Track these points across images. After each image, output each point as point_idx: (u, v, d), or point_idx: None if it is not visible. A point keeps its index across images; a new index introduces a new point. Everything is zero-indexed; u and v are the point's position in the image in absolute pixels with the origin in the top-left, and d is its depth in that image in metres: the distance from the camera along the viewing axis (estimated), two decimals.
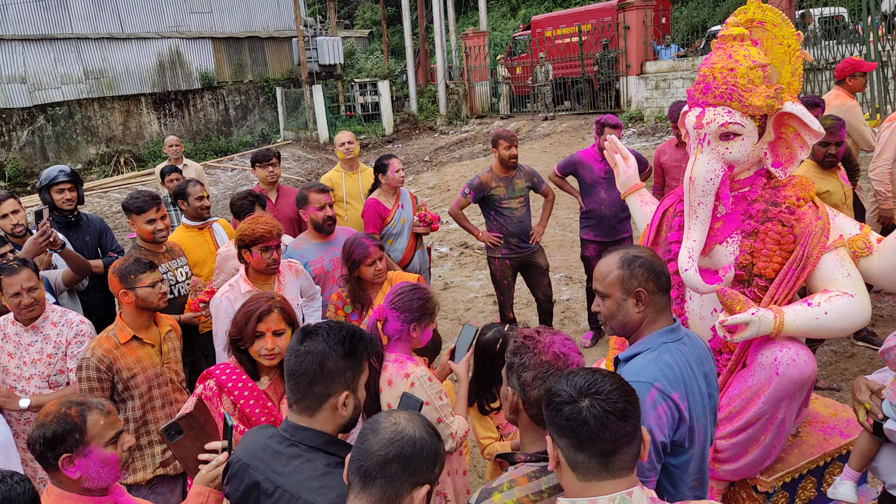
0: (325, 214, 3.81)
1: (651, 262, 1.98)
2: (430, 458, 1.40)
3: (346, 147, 5.32)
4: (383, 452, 1.37)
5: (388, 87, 20.72)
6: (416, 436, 1.40)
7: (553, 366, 1.69)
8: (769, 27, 2.54)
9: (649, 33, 16.38)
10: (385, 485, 1.36)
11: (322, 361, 1.65)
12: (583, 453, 1.39)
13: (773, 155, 2.57)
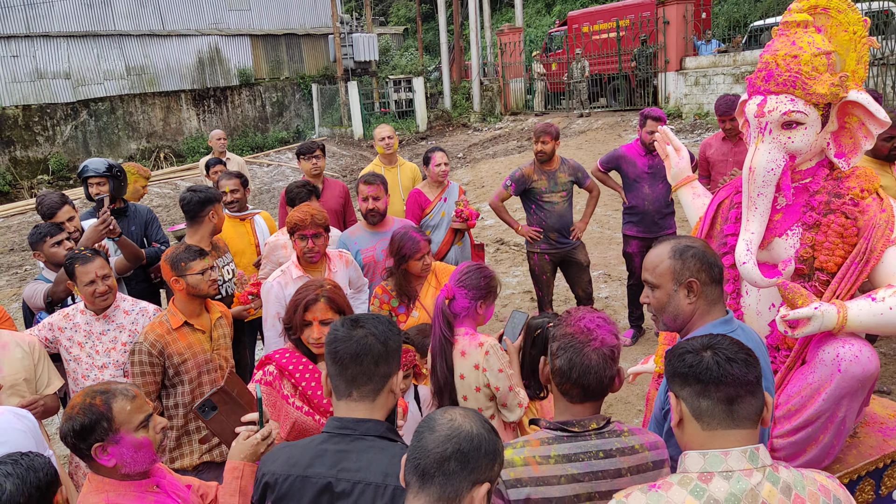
0: (367, 207, 3.84)
1: (703, 251, 1.97)
2: (489, 454, 1.35)
3: (387, 142, 5.34)
4: (440, 449, 1.33)
5: (423, 83, 20.77)
6: (473, 431, 1.35)
7: (576, 338, 1.74)
8: (833, 13, 2.46)
9: (689, 28, 16.10)
10: (444, 483, 1.31)
11: (385, 340, 1.69)
12: (707, 399, 1.43)
13: (836, 145, 2.49)
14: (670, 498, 1.39)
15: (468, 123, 20.27)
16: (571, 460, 1.69)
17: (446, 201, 4.81)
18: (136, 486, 1.84)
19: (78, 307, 3.18)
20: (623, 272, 6.44)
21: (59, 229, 3.70)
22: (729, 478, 1.38)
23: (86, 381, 3.10)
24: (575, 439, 1.71)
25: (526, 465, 1.67)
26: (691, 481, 1.40)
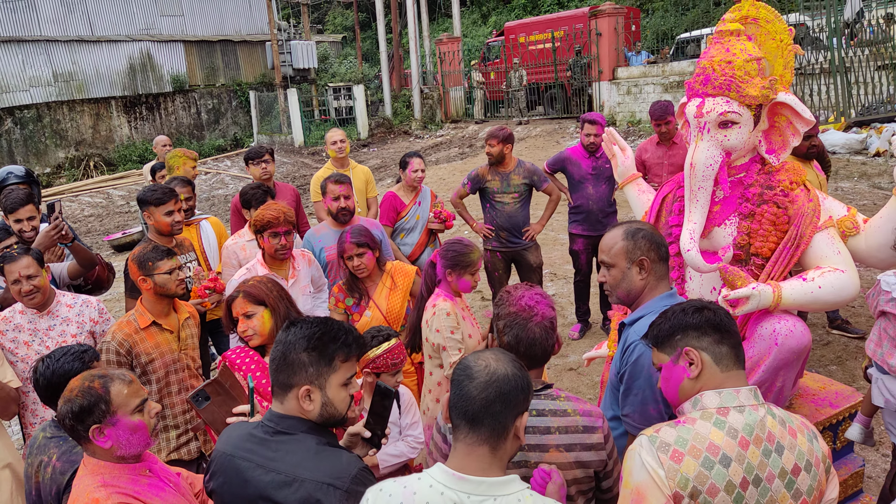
0: (339, 205, 3.91)
1: (652, 233, 2.23)
2: (525, 389, 1.54)
3: (339, 146, 5.39)
4: (484, 395, 1.49)
5: (363, 91, 20.81)
6: (509, 373, 1.53)
7: (519, 315, 1.96)
8: (762, 23, 2.72)
9: (620, 40, 16.77)
10: (492, 423, 1.49)
11: (285, 351, 1.71)
12: (724, 345, 1.68)
13: (767, 142, 2.74)
14: (697, 430, 1.57)
15: (409, 131, 20.43)
16: None
17: (420, 205, 4.94)
18: (130, 470, 1.88)
19: (16, 308, 3.15)
20: (568, 270, 6.69)
21: (7, 234, 3.63)
22: (742, 411, 1.60)
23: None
24: None
25: None
26: (712, 415, 1.60)
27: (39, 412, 3.11)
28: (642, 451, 1.58)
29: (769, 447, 1.58)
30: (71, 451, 2.20)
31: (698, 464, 1.53)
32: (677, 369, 1.71)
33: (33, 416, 3.12)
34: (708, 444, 1.55)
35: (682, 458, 1.54)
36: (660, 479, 1.54)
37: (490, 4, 32.12)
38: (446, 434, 1.95)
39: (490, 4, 32.12)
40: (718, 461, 1.53)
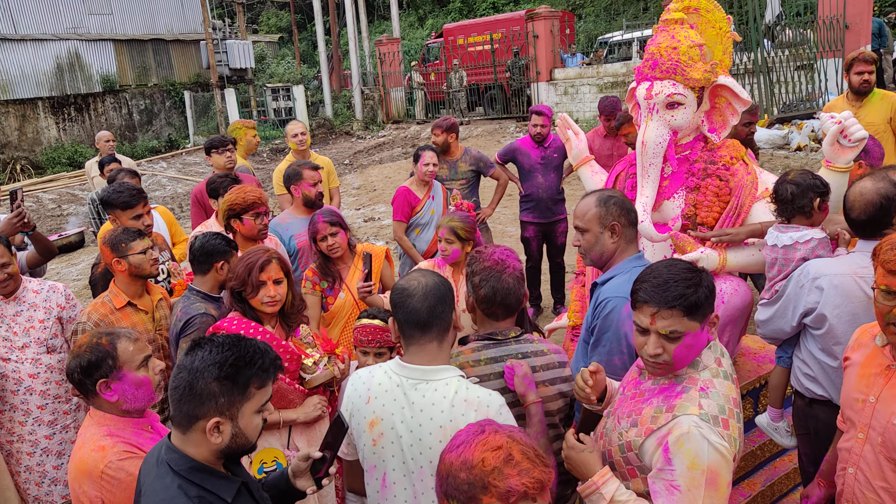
0: (318, 190, 3.99)
1: (622, 200, 2.40)
2: (450, 288, 1.91)
3: (300, 138, 5.43)
4: (427, 304, 1.84)
5: (303, 91, 20.66)
6: (437, 280, 1.88)
7: (493, 269, 2.12)
8: (703, 13, 2.98)
9: (556, 42, 17.27)
10: (440, 322, 1.86)
11: (192, 381, 1.53)
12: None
13: (709, 122, 3.01)
14: (720, 391, 1.70)
15: (351, 132, 20.40)
16: (497, 361, 2.08)
17: (434, 199, 4.90)
18: (134, 423, 1.95)
19: None
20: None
21: None
22: (724, 355, 1.81)
23: (7, 365, 3.04)
24: (499, 345, 2.11)
25: (462, 370, 1.96)
26: (717, 370, 1.75)
27: (33, 412, 3.08)
28: (704, 432, 1.60)
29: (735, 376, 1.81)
30: (189, 306, 2.83)
31: (735, 421, 1.68)
32: (703, 335, 1.74)
33: (24, 415, 3.08)
34: (732, 400, 1.69)
35: (728, 423, 1.65)
36: (727, 450, 1.62)
37: (427, 7, 32.38)
38: None
39: (427, 7, 32.38)
40: (739, 409, 1.72)
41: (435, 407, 1.80)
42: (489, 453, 1.31)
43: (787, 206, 2.54)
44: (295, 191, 4.07)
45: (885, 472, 1.86)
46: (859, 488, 1.95)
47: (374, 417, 1.86)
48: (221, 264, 3.00)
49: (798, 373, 2.56)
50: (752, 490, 2.88)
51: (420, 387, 1.83)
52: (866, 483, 1.92)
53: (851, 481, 1.98)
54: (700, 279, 1.73)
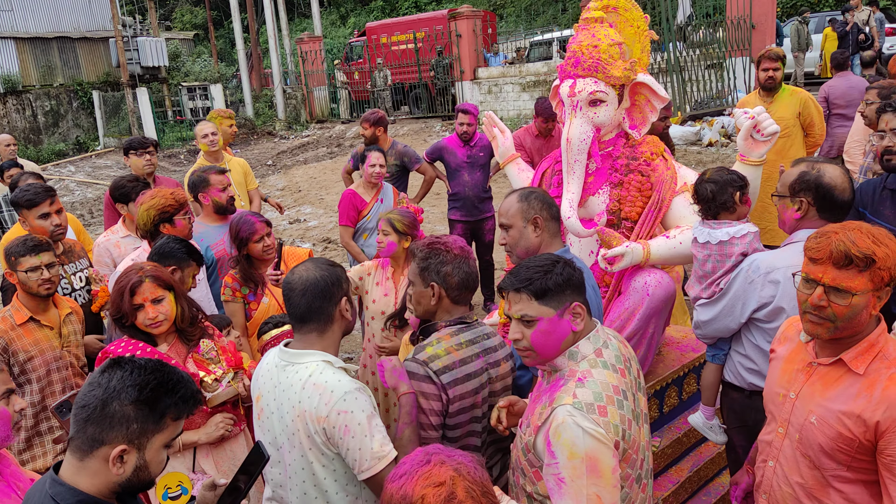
0: (229, 195, 3.81)
1: (543, 195, 2.48)
2: (336, 281, 1.98)
3: (210, 139, 5.21)
4: (305, 300, 1.94)
5: (221, 91, 20.02)
6: (318, 276, 1.95)
7: (461, 257, 2.23)
8: (621, 11, 3.04)
9: (479, 42, 17.42)
10: (318, 316, 1.96)
11: (106, 400, 1.40)
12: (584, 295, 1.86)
13: (630, 119, 3.07)
14: (598, 379, 1.72)
15: (273, 132, 19.92)
16: (474, 342, 2.20)
17: (382, 202, 4.72)
18: None
19: None
20: None
21: None
22: (607, 346, 1.83)
23: None
24: (471, 328, 2.23)
25: (448, 354, 2.11)
26: (596, 361, 1.77)
27: None
28: (577, 419, 1.62)
29: (627, 365, 1.84)
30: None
31: (616, 408, 1.69)
32: (563, 323, 1.76)
33: None
34: (612, 388, 1.71)
35: (607, 409, 1.66)
36: (603, 436, 1.63)
37: (348, 5, 32.07)
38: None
39: (348, 5, 32.07)
40: (622, 397, 1.73)
41: (292, 388, 1.92)
42: (430, 489, 1.21)
43: (711, 205, 2.58)
44: (203, 199, 3.85)
45: (802, 468, 1.88)
46: (777, 482, 1.98)
47: (258, 393, 2.06)
48: (172, 270, 2.82)
49: (738, 367, 2.55)
50: (679, 476, 2.96)
51: (288, 369, 1.96)
52: (783, 477, 1.95)
53: (770, 474, 2.01)
54: (553, 267, 1.78)
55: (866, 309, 1.73)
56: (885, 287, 1.72)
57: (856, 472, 1.78)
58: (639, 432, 1.78)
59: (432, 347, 2.12)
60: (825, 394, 1.82)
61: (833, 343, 1.81)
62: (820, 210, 2.35)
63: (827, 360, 1.84)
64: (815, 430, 1.82)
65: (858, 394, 1.74)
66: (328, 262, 2.05)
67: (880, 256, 1.67)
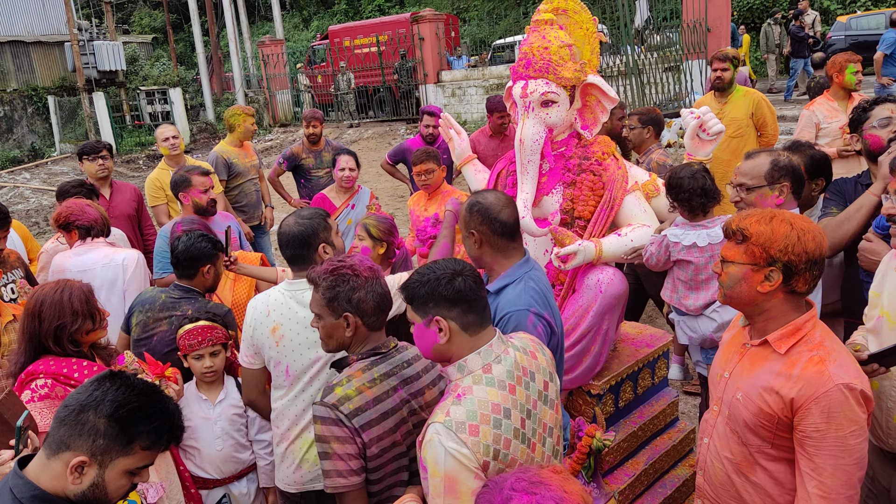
0: (210, 197, 3.79)
1: (488, 207, 2.26)
2: (313, 231, 2.47)
3: (171, 142, 5.15)
4: (289, 250, 2.49)
5: (181, 95, 19.70)
6: (296, 230, 2.45)
7: (371, 279, 2.06)
8: (571, 14, 3.09)
9: (442, 45, 17.47)
10: (302, 261, 2.47)
11: (84, 407, 1.44)
12: (471, 314, 1.77)
13: (582, 119, 3.12)
14: (478, 397, 1.68)
15: None
16: (390, 375, 2.01)
17: (354, 208, 4.64)
18: None
19: None
20: None
21: None
22: (500, 361, 1.77)
23: None
24: (386, 358, 2.04)
25: (361, 393, 1.92)
26: (481, 377, 1.73)
27: None
28: (442, 439, 1.62)
29: (526, 380, 1.78)
30: (205, 305, 2.89)
31: (491, 428, 1.65)
32: (429, 332, 1.78)
33: None
34: (492, 406, 1.67)
35: (478, 429, 1.63)
36: (466, 458, 1.60)
37: (311, 9, 31.85)
38: None
39: (311, 9, 31.85)
40: (503, 416, 1.68)
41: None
42: None
43: (699, 199, 2.68)
44: (184, 198, 3.85)
45: (731, 444, 1.97)
46: (710, 458, 2.07)
47: (275, 324, 2.43)
48: (208, 268, 2.95)
49: None
50: (635, 469, 3.01)
51: (305, 294, 2.36)
52: (716, 453, 2.04)
53: (705, 451, 2.11)
54: (434, 277, 1.76)
55: (746, 282, 1.85)
56: (765, 266, 1.81)
57: (779, 449, 1.87)
58: (529, 450, 1.74)
59: (342, 388, 1.93)
60: (751, 372, 1.92)
61: (761, 326, 1.92)
62: (795, 192, 2.55)
63: (756, 341, 1.93)
64: (740, 406, 1.92)
65: (779, 372, 1.83)
66: (309, 215, 2.52)
67: (753, 233, 1.81)
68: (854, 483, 1.75)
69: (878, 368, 1.98)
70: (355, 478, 1.90)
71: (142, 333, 2.89)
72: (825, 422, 1.73)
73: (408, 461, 2.03)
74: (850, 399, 1.72)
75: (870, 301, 2.22)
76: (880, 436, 2.11)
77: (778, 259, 1.79)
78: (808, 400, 1.75)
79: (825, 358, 1.78)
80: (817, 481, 1.75)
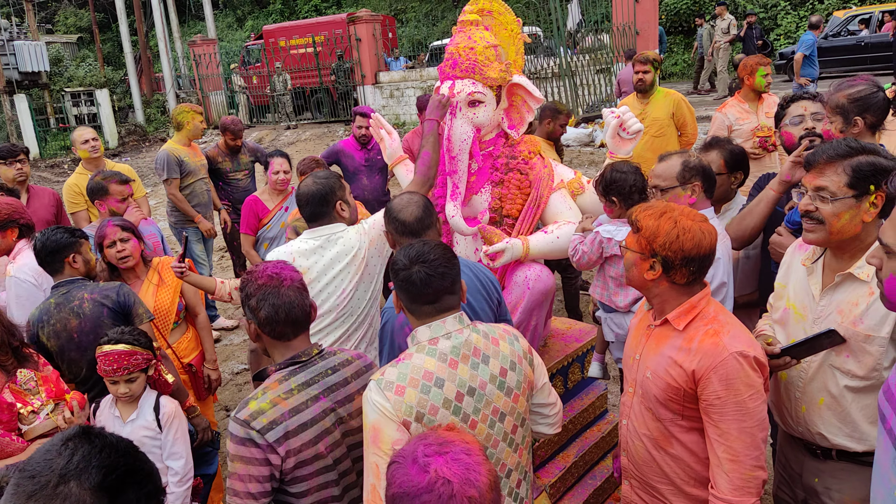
0: (127, 206, 3.64)
1: (391, 207, 2.38)
2: (329, 191, 2.75)
3: (91, 144, 4.97)
4: (309, 208, 2.76)
5: (108, 96, 19.00)
6: (314, 189, 2.74)
7: (268, 286, 1.94)
8: (496, 15, 3.14)
9: (379, 46, 17.40)
10: (322, 217, 2.76)
11: (62, 476, 1.14)
12: (415, 304, 1.86)
13: (508, 119, 3.17)
14: (414, 363, 1.79)
15: (167, 138, 19.02)
16: (310, 384, 1.94)
17: (287, 210, 4.54)
18: None
19: None
20: None
21: None
22: (449, 337, 1.83)
23: None
24: (306, 367, 1.97)
25: (275, 406, 1.85)
26: (425, 347, 1.82)
27: None
28: (371, 394, 1.77)
29: (476, 360, 1.83)
30: (97, 286, 2.88)
31: (417, 391, 1.74)
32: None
33: None
34: (423, 373, 1.77)
35: (405, 390, 1.74)
36: (388, 411, 1.72)
37: (246, 8, 31.21)
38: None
39: (246, 8, 31.21)
40: (433, 384, 1.76)
41: (350, 242, 2.75)
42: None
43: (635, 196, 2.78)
44: (100, 206, 3.72)
45: (647, 420, 2.09)
46: (629, 437, 2.19)
47: (304, 268, 2.66)
48: (73, 257, 2.87)
49: None
50: (566, 461, 3.08)
51: (333, 238, 2.75)
52: (634, 432, 2.15)
53: (625, 432, 2.22)
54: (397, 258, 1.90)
55: (636, 267, 2.01)
56: (650, 257, 1.96)
57: (689, 420, 1.99)
58: (465, 425, 1.78)
59: (256, 401, 1.86)
60: (657, 350, 2.04)
61: (659, 307, 2.06)
62: (707, 191, 2.67)
63: (657, 322, 2.07)
64: (650, 383, 2.04)
65: (680, 347, 1.96)
66: (325, 175, 2.78)
67: (643, 225, 1.97)
68: (759, 444, 1.88)
69: (790, 361, 2.09)
70: (252, 501, 1.82)
71: (60, 342, 2.78)
72: (725, 389, 1.86)
73: (337, 475, 1.95)
74: (745, 365, 1.85)
75: (775, 291, 2.33)
76: (790, 423, 2.22)
77: (658, 253, 1.94)
78: (707, 370, 1.87)
79: (719, 330, 1.91)
80: (725, 446, 1.88)
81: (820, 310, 2.08)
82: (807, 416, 2.13)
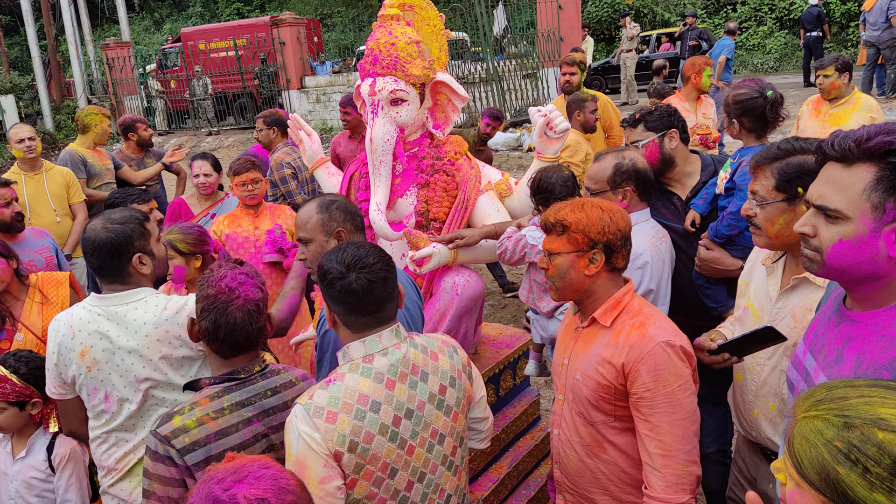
0: (13, 210, 3.31)
1: (346, 204, 2.27)
2: (124, 241, 2.08)
3: (27, 144, 4.56)
4: (95, 260, 2.09)
5: (14, 102, 17.85)
6: (104, 237, 2.05)
7: (219, 299, 1.76)
8: (417, 10, 3.01)
9: (304, 50, 17.04)
10: (110, 272, 2.10)
11: None
12: (354, 315, 1.69)
13: (433, 119, 3.04)
14: (347, 385, 1.62)
15: None
16: (245, 405, 1.76)
17: (213, 217, 4.18)
18: None
19: None
20: None
21: None
22: (386, 353, 1.69)
23: None
24: (244, 385, 1.79)
25: (201, 425, 1.68)
26: (358, 366, 1.66)
27: None
28: (297, 422, 1.57)
29: (414, 379, 1.70)
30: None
31: (351, 418, 1.58)
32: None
33: None
34: (357, 396, 1.60)
35: (336, 416, 1.57)
36: (316, 443, 1.55)
37: (164, 11, 30.10)
38: None
39: (164, 11, 30.10)
40: (369, 409, 1.61)
41: (144, 319, 2.08)
42: None
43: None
44: None
45: (579, 427, 2.01)
46: (562, 447, 2.09)
47: (83, 348, 2.06)
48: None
49: None
50: (499, 473, 2.97)
51: (124, 309, 2.08)
52: (566, 441, 2.06)
53: (556, 442, 2.12)
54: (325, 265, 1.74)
55: (574, 269, 1.93)
56: (589, 250, 1.91)
57: (622, 420, 1.94)
58: (402, 451, 1.65)
59: (181, 417, 1.68)
60: (586, 351, 1.98)
61: (590, 307, 2.00)
62: (641, 194, 2.59)
63: (585, 322, 2.01)
64: (581, 385, 1.97)
65: (609, 343, 1.92)
66: (121, 218, 2.10)
67: (572, 221, 1.90)
68: (690, 437, 1.83)
69: (729, 358, 2.03)
70: None
71: None
72: (653, 380, 1.82)
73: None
74: (672, 355, 1.82)
75: (738, 289, 2.26)
76: (745, 427, 2.17)
77: (598, 241, 1.89)
78: (635, 362, 1.84)
79: (645, 322, 1.89)
80: (657, 441, 1.83)
81: (775, 312, 2.02)
82: (759, 421, 2.09)
